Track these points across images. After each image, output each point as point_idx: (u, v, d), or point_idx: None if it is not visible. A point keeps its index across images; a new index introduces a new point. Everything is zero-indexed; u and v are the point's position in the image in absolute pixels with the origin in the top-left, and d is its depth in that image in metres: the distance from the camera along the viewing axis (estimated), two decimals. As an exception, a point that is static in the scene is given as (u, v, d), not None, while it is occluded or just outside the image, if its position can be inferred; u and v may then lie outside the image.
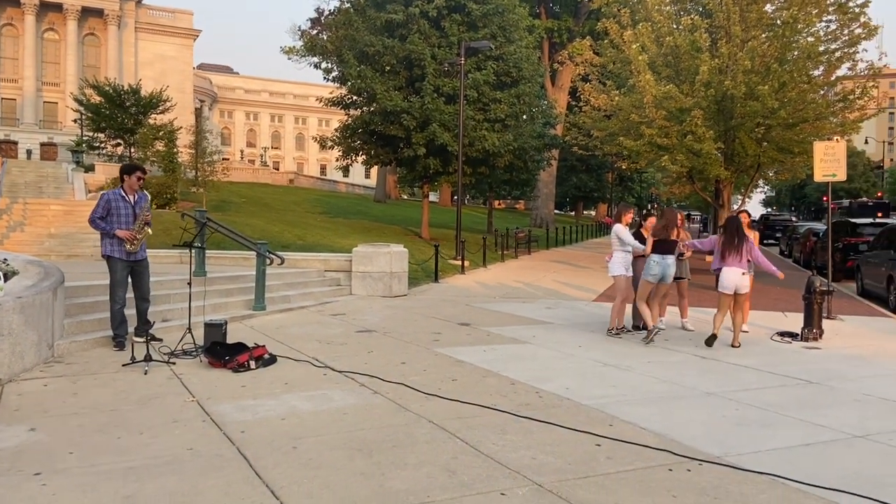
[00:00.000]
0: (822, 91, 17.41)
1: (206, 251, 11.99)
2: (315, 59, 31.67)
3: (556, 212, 53.77)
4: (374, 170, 55.73)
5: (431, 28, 22.58)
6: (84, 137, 39.36)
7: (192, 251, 8.35)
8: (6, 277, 7.48)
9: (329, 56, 29.75)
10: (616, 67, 19.22)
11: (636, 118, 16.54)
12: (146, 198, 8.02)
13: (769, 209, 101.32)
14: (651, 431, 5.15)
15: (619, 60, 18.58)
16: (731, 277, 8.69)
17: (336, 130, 25.79)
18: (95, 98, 35.65)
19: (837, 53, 16.64)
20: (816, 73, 16.89)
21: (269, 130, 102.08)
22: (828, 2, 16.29)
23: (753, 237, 9.36)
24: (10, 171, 29.16)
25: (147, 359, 6.83)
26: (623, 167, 24.65)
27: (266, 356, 7.25)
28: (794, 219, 51.90)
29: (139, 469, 4.22)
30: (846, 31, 16.46)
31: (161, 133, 28.30)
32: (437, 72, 22.28)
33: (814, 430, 5.28)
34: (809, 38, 16.39)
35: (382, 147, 24.11)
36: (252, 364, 6.99)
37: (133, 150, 33.63)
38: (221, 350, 7.19)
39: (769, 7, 16.87)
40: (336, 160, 29.11)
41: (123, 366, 6.90)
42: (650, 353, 8.29)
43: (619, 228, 9.46)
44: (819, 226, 27.82)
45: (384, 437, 4.90)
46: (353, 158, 26.01)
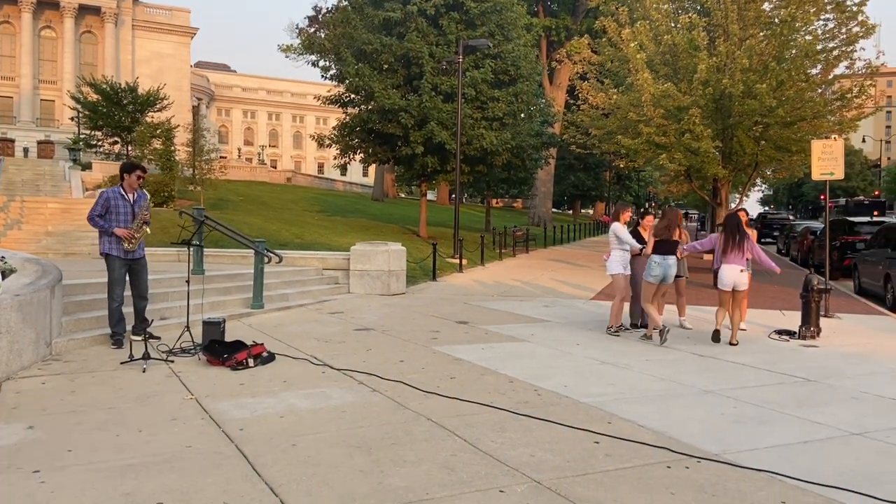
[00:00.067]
0: (820, 90, 17.45)
1: (205, 249, 11.99)
2: (313, 58, 31.71)
3: (554, 210, 53.78)
4: (372, 168, 55.76)
5: (429, 26, 22.57)
6: (81, 135, 39.32)
7: (191, 249, 8.35)
8: (4, 275, 7.47)
9: (327, 54, 29.76)
10: (614, 66, 19.22)
11: (634, 116, 16.55)
12: (145, 197, 8.01)
13: (767, 208, 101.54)
14: (649, 429, 5.16)
15: (617, 59, 18.58)
16: (730, 274, 8.77)
17: (334, 129, 25.80)
18: (92, 96, 35.61)
19: (835, 52, 16.66)
20: (814, 72, 16.91)
21: (267, 129, 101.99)
22: (825, 0, 16.31)
23: (752, 235, 9.40)
24: (8, 170, 29.12)
25: (145, 357, 6.82)
26: (621, 166, 24.66)
27: (264, 354, 7.25)
28: (792, 217, 51.95)
29: (138, 466, 4.22)
30: (844, 30, 16.48)
31: (158, 131, 28.28)
32: (435, 70, 22.27)
33: (811, 428, 5.30)
34: (807, 37, 16.40)
35: (380, 145, 24.09)
36: (250, 362, 6.99)
37: (130, 148, 33.60)
38: (220, 348, 7.19)
39: (767, 5, 16.89)
40: (334, 158, 29.04)
41: (122, 364, 6.90)
42: (648, 352, 8.30)
43: (617, 227, 9.47)
44: (816, 224, 27.87)
45: (383, 435, 4.90)
46: (351, 157, 26.00)
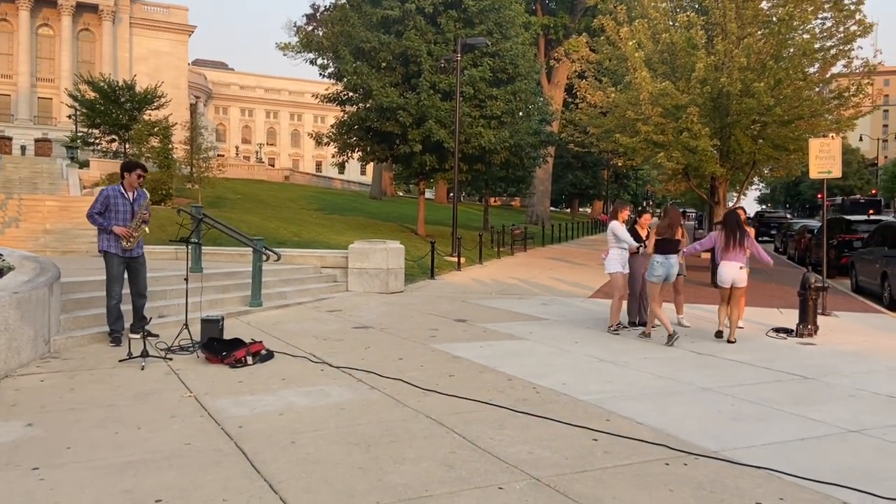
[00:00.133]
0: (818, 88, 17.44)
1: (203, 247, 11.98)
2: (311, 56, 31.61)
3: (552, 209, 53.80)
4: (370, 167, 55.70)
5: (428, 24, 22.55)
6: (79, 133, 39.26)
7: (189, 247, 8.35)
8: (2, 273, 7.48)
9: (325, 52, 29.68)
10: (612, 64, 19.19)
11: (632, 115, 16.54)
12: (145, 196, 8.01)
13: (764, 206, 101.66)
14: (648, 426, 5.17)
15: (616, 57, 18.56)
16: (729, 271, 8.83)
17: (332, 127, 25.80)
18: (90, 94, 35.57)
19: (833, 51, 16.64)
20: (812, 71, 16.90)
21: (265, 127, 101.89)
22: (823, -1, 16.31)
23: (750, 233, 9.43)
24: (5, 167, 29.06)
25: (144, 354, 6.82)
26: (619, 164, 24.67)
27: (263, 352, 7.25)
28: (789, 216, 52.06)
29: (137, 464, 4.22)
30: (841, 29, 16.46)
31: (156, 129, 28.26)
32: (434, 68, 22.26)
33: (809, 425, 5.31)
34: (805, 36, 16.37)
35: (378, 144, 24.08)
36: (249, 360, 6.99)
37: (128, 146, 33.58)
38: (218, 346, 7.19)
39: (765, 4, 16.86)
40: (332, 157, 29.04)
41: (120, 361, 6.89)
42: (646, 349, 8.32)
43: (616, 225, 9.49)
44: (813, 223, 27.90)
45: (382, 432, 4.91)
46: (349, 155, 25.98)
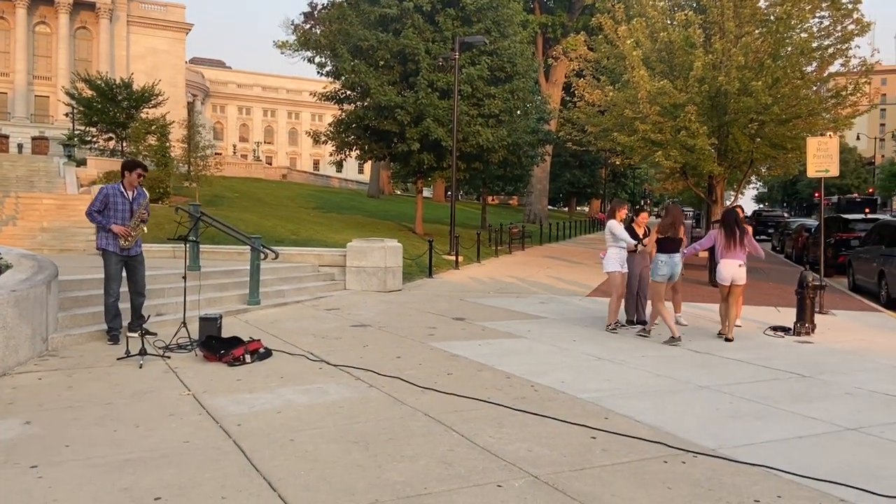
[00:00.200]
0: (815, 87, 17.47)
1: (201, 246, 11.97)
2: (308, 54, 31.61)
3: (550, 207, 53.85)
4: (368, 165, 55.62)
5: (425, 22, 22.53)
6: (76, 131, 39.14)
7: (187, 245, 8.34)
8: (0, 271, 7.46)
9: (322, 50, 29.67)
10: (610, 63, 19.18)
11: (630, 114, 16.53)
12: (145, 195, 8.01)
13: (761, 205, 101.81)
14: (646, 424, 5.18)
15: (614, 56, 18.55)
16: (729, 269, 8.87)
17: (329, 125, 25.73)
18: (87, 92, 35.46)
19: (830, 50, 16.66)
20: (809, 70, 16.92)
21: (262, 125, 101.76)
22: (821, -2, 16.32)
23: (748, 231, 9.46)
24: (2, 165, 29.00)
25: (142, 352, 6.81)
26: (617, 163, 24.71)
27: (261, 350, 7.25)
28: (786, 215, 52.14)
29: (136, 461, 4.22)
30: (839, 28, 16.48)
31: (153, 127, 28.19)
32: (432, 66, 22.24)
33: (806, 423, 5.33)
34: (803, 35, 16.38)
35: (376, 142, 24.05)
36: (247, 358, 6.99)
37: (125, 145, 33.50)
38: (217, 344, 7.19)
39: (763, 3, 16.87)
40: (329, 155, 29.01)
41: (118, 359, 6.88)
42: (644, 348, 8.33)
43: (613, 224, 9.49)
44: (811, 221, 27.98)
45: (380, 430, 4.91)
46: (347, 153, 25.95)
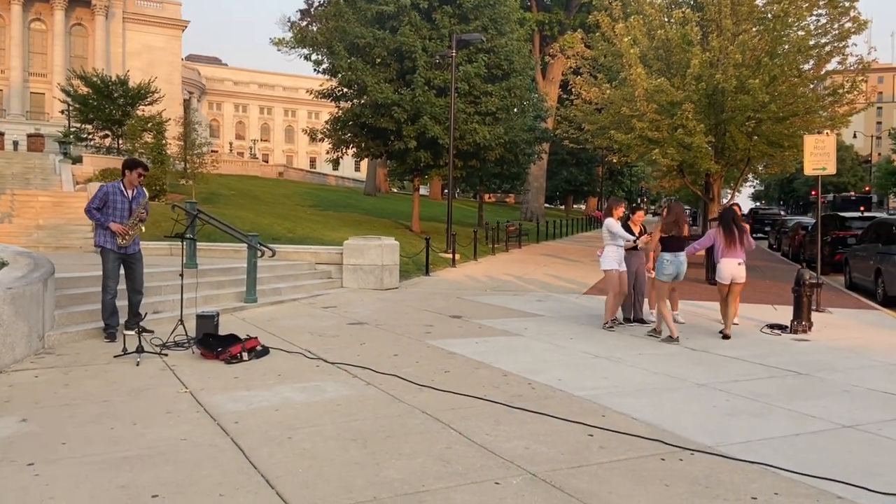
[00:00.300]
0: (812, 85, 17.50)
1: (197, 243, 11.94)
2: (305, 51, 31.42)
3: (547, 205, 53.86)
4: (364, 163, 55.55)
5: (422, 20, 22.48)
6: (72, 129, 39.01)
7: (184, 243, 8.32)
8: (-4, 268, 7.43)
9: (319, 48, 29.53)
10: (607, 61, 19.18)
11: (627, 111, 16.53)
12: (144, 195, 7.99)
13: (758, 203, 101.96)
14: (643, 422, 5.19)
15: (611, 53, 18.55)
16: (728, 268, 8.89)
17: (326, 123, 25.69)
18: (83, 89, 35.33)
19: (827, 48, 16.68)
20: (806, 67, 16.95)
21: (259, 123, 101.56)
22: (818, -4, 16.33)
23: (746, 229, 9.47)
24: (-3, 163, 28.88)
25: (139, 350, 6.80)
26: (614, 161, 24.66)
27: (258, 348, 7.24)
28: (783, 213, 52.25)
29: (133, 459, 4.21)
30: (836, 26, 16.51)
31: (149, 124, 28.07)
32: (429, 64, 22.20)
33: (803, 421, 5.34)
34: (800, 32, 16.42)
35: (373, 140, 24.01)
36: (245, 355, 6.98)
37: (121, 142, 33.38)
38: (214, 342, 7.18)
39: (760, 1, 16.90)
40: (326, 153, 28.97)
41: (115, 357, 6.87)
42: (641, 346, 8.34)
43: (611, 222, 9.49)
44: (807, 220, 28.04)
45: (378, 428, 4.91)
46: (344, 151, 25.90)
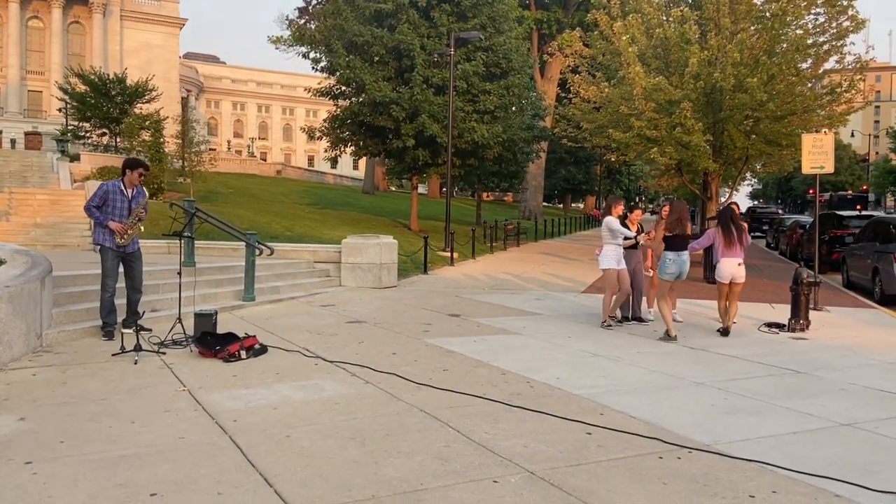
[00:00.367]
0: (810, 84, 17.50)
1: (195, 241, 11.93)
2: (303, 49, 31.39)
3: (545, 204, 53.91)
4: (363, 161, 55.43)
5: (421, 18, 22.47)
6: (69, 127, 38.96)
7: (182, 241, 8.31)
8: (-7, 267, 7.42)
9: (317, 46, 29.51)
10: (605, 59, 19.16)
11: (625, 110, 16.52)
12: (144, 194, 7.99)
13: (756, 202, 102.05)
14: (641, 420, 5.19)
15: (609, 52, 18.54)
16: (728, 267, 8.90)
17: (324, 121, 25.66)
18: (80, 87, 35.25)
19: (825, 46, 16.68)
20: (805, 66, 16.95)
21: (257, 121, 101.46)
22: (816, -5, 16.33)
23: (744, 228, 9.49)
24: (-5, 161, 28.80)
25: (137, 348, 6.80)
26: (612, 159, 24.65)
27: (257, 346, 7.24)
28: (781, 212, 52.33)
29: (131, 458, 4.21)
30: (834, 24, 16.51)
31: (147, 123, 28.03)
32: (427, 62, 22.18)
33: (801, 419, 5.35)
34: (798, 31, 16.41)
35: (371, 138, 24.00)
36: (243, 354, 6.98)
37: (119, 140, 33.33)
38: (212, 340, 7.17)
39: (758, -1, 16.91)
40: (324, 151, 28.93)
41: (113, 355, 6.86)
42: (640, 344, 8.35)
43: (610, 220, 9.49)
44: (805, 218, 28.07)
45: (377, 426, 4.91)
46: (342, 149, 25.87)
